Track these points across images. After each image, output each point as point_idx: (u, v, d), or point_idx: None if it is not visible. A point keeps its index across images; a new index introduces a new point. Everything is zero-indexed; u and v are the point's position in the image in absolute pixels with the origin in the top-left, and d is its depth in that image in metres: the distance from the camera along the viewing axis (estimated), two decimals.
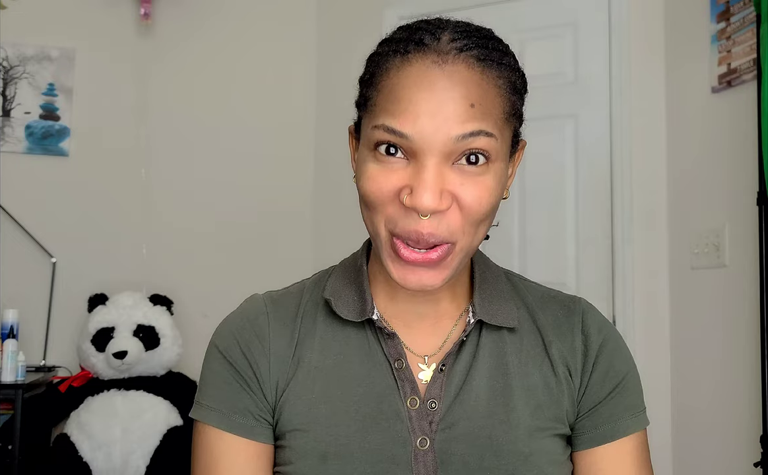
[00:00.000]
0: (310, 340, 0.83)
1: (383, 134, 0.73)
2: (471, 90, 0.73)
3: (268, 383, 0.82)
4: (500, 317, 0.83)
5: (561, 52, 2.72)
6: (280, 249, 3.16)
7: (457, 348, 0.82)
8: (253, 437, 0.81)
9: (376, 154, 0.75)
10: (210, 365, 0.84)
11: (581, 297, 0.90)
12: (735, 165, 2.22)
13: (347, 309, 0.83)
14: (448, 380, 0.81)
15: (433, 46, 0.74)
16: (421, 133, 0.71)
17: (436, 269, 0.75)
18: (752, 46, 2.14)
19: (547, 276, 2.48)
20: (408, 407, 0.80)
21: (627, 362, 0.87)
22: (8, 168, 2.96)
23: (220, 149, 3.19)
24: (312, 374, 0.82)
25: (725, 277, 2.25)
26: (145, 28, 3.14)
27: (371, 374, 0.81)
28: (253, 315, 0.85)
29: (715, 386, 2.29)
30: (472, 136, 0.72)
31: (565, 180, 2.68)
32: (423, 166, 0.72)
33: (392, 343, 0.82)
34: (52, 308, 2.98)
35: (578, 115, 2.68)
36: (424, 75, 0.73)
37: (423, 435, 0.79)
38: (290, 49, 3.30)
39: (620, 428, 0.84)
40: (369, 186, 0.75)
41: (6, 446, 2.48)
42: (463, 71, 0.73)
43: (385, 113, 0.74)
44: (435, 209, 0.72)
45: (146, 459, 2.53)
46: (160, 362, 2.73)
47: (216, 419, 0.81)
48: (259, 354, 0.82)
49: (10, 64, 3.03)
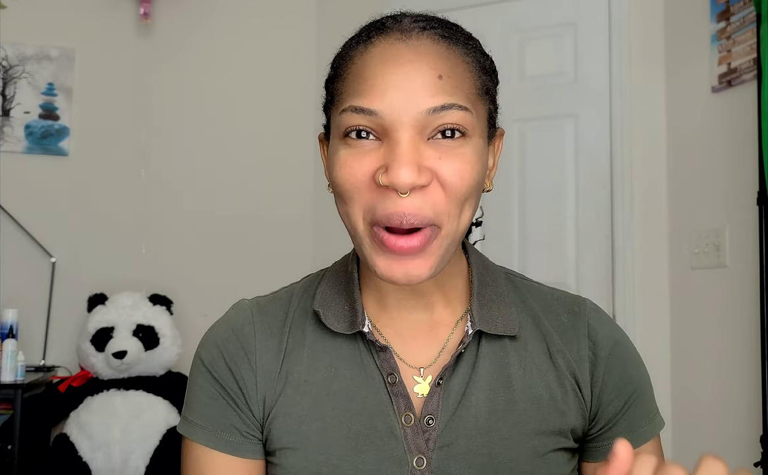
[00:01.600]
0: (299, 352, 0.79)
1: (352, 116, 0.70)
2: (438, 62, 0.70)
3: (255, 398, 0.78)
4: (501, 325, 0.79)
5: (561, 52, 2.72)
6: (280, 249, 3.15)
7: (454, 360, 0.77)
8: (240, 454, 0.78)
9: (346, 141, 0.71)
10: (196, 379, 0.81)
11: (586, 298, 0.86)
12: (735, 165, 2.22)
13: (337, 321, 0.79)
14: (445, 394, 0.76)
15: (395, 27, 0.72)
16: (391, 108, 0.68)
17: (422, 257, 0.70)
18: (752, 46, 2.14)
19: (547, 276, 2.48)
20: (403, 424, 0.75)
21: (638, 367, 0.83)
22: (8, 168, 2.96)
23: (220, 149, 3.19)
24: (301, 388, 0.78)
25: (725, 277, 2.25)
26: (144, 27, 3.14)
27: (363, 389, 0.77)
28: (239, 325, 0.81)
29: (715, 385, 2.29)
30: (444, 109, 0.69)
31: (565, 180, 2.68)
32: (396, 142, 0.68)
33: (384, 356, 0.77)
34: (51, 308, 2.97)
35: (578, 115, 2.67)
36: (389, 51, 0.70)
37: (420, 454, 0.75)
38: (290, 49, 3.30)
39: (639, 436, 0.81)
40: (342, 174, 0.71)
41: (5, 446, 2.47)
42: (429, 45, 0.71)
43: (352, 95, 0.71)
44: (414, 183, 0.67)
45: (146, 459, 2.53)
46: (159, 362, 2.73)
47: (203, 437, 0.79)
48: (245, 369, 0.79)
49: (9, 64, 3.03)
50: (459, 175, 0.70)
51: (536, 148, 2.70)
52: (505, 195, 2.72)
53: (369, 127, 0.70)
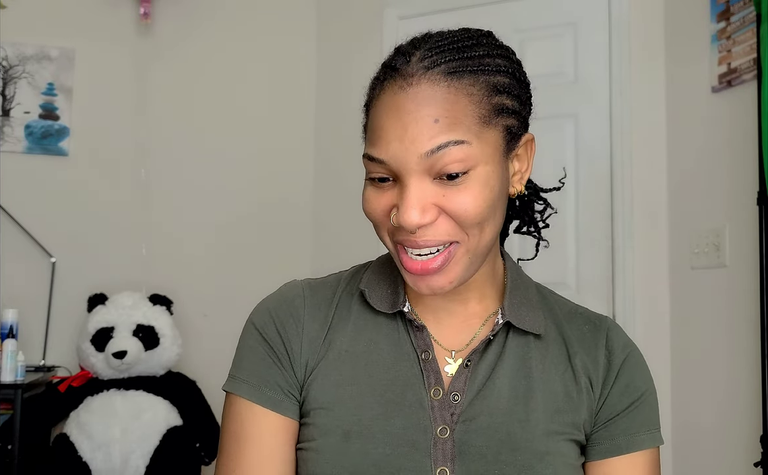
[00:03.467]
0: (343, 325, 0.88)
1: (369, 163, 0.80)
2: (434, 107, 0.76)
3: (299, 361, 0.86)
4: (528, 323, 0.87)
5: (561, 52, 2.72)
6: (280, 249, 3.15)
7: (483, 346, 0.85)
8: (280, 410, 0.85)
9: (371, 181, 0.81)
10: (246, 340, 0.89)
11: (608, 316, 0.93)
12: (735, 165, 2.22)
13: (380, 301, 0.88)
14: (472, 375, 0.84)
15: (402, 69, 0.78)
16: (395, 157, 0.76)
17: (442, 274, 0.79)
18: (752, 46, 2.14)
19: (547, 276, 2.47)
20: (431, 397, 0.83)
21: (647, 380, 0.89)
22: (8, 168, 2.96)
23: (220, 149, 3.19)
24: (342, 356, 0.86)
25: (725, 277, 2.25)
26: (144, 27, 3.14)
27: (398, 362, 0.85)
28: (291, 297, 0.90)
29: (715, 385, 2.29)
30: (440, 149, 0.75)
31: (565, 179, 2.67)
32: (405, 186, 0.77)
33: (421, 335, 0.86)
34: (51, 308, 2.97)
35: (578, 115, 2.67)
36: (392, 101, 0.78)
37: (444, 424, 0.81)
38: (290, 49, 3.30)
39: (635, 442, 0.86)
40: (367, 207, 0.82)
41: (5, 446, 2.48)
42: (427, 90, 0.76)
43: (368, 143, 0.81)
44: (419, 224, 0.76)
45: (146, 459, 2.52)
46: (159, 362, 2.73)
47: (246, 391, 0.85)
48: (293, 334, 0.87)
49: (9, 64, 3.03)
50: (464, 208, 0.77)
51: (536, 148, 2.70)
52: None
53: (384, 172, 0.79)
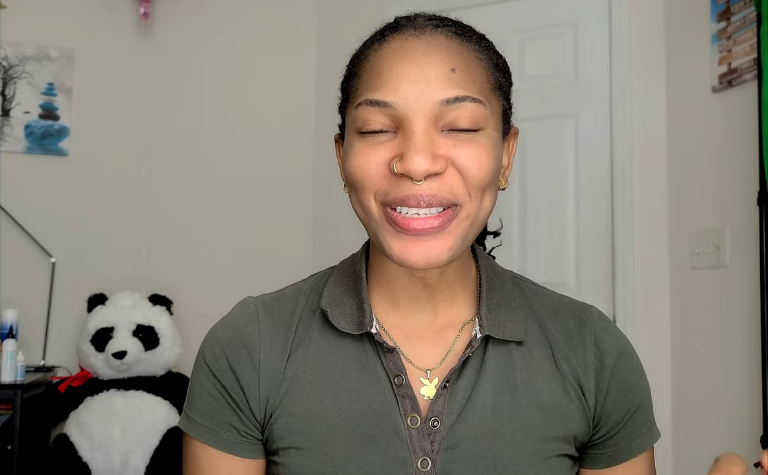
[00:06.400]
0: (304, 351, 0.79)
1: (367, 110, 0.71)
2: (451, 56, 0.71)
3: (256, 399, 0.78)
4: (508, 330, 0.79)
5: (561, 52, 2.72)
6: (280, 249, 3.15)
7: (461, 364, 0.77)
8: (237, 452, 0.79)
9: (362, 135, 0.72)
10: (198, 376, 0.81)
11: (593, 306, 0.86)
12: (735, 165, 2.22)
13: (345, 321, 0.78)
14: (451, 396, 0.76)
15: (409, 24, 0.74)
16: (405, 99, 0.69)
17: (440, 237, 0.70)
18: (753, 46, 2.14)
19: (547, 276, 2.49)
20: (408, 426, 0.75)
21: (641, 377, 0.84)
22: (8, 168, 2.96)
23: (219, 149, 3.19)
24: (306, 388, 0.77)
25: (725, 277, 2.25)
26: (144, 27, 3.14)
27: (369, 389, 0.76)
28: (243, 324, 0.81)
29: (715, 386, 2.29)
30: (457, 101, 0.69)
31: (565, 180, 2.68)
32: (411, 132, 0.69)
33: (392, 358, 0.77)
34: (51, 308, 2.97)
35: (578, 115, 2.67)
36: (403, 46, 0.72)
37: (424, 456, 0.74)
38: (290, 48, 3.30)
39: (637, 445, 0.82)
40: (355, 162, 0.71)
41: (5, 446, 2.47)
42: (442, 40, 0.72)
43: (367, 89, 0.72)
44: (428, 170, 0.68)
45: (146, 459, 2.52)
46: (159, 362, 2.73)
47: (202, 434, 0.80)
48: (247, 369, 0.78)
49: (9, 64, 3.03)
50: (476, 161, 0.70)
51: (536, 148, 2.70)
52: (505, 195, 2.71)
53: (383, 120, 0.71)
